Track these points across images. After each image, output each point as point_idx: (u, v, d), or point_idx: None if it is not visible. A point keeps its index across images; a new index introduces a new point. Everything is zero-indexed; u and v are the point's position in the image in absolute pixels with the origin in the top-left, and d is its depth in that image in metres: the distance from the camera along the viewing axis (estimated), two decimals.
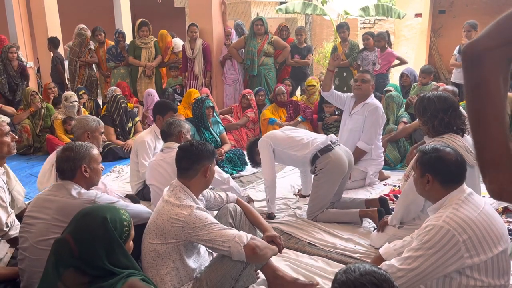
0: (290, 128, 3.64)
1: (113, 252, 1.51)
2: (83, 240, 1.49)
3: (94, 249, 1.48)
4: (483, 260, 1.74)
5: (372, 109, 3.94)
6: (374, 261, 2.25)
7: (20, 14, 9.19)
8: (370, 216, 3.18)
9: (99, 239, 1.50)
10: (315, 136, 3.43)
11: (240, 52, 6.62)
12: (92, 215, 1.56)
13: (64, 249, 1.48)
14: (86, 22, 7.80)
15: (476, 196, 1.90)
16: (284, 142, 3.39)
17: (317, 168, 3.26)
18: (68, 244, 1.47)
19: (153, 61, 6.87)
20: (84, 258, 1.46)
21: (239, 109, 5.97)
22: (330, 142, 3.29)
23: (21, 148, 5.68)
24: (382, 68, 6.30)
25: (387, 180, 4.23)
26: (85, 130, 2.98)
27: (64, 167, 2.19)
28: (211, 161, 2.27)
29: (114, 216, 1.57)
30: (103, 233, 1.51)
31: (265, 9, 10.60)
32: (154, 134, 3.87)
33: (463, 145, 2.54)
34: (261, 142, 3.43)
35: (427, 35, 10.72)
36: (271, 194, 3.41)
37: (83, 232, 1.51)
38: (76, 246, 1.47)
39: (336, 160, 3.23)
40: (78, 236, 1.49)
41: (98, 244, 1.49)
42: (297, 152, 3.33)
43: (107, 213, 1.57)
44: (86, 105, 6.28)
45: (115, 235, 1.52)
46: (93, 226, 1.52)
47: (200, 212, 2.11)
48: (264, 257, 2.17)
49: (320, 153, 3.24)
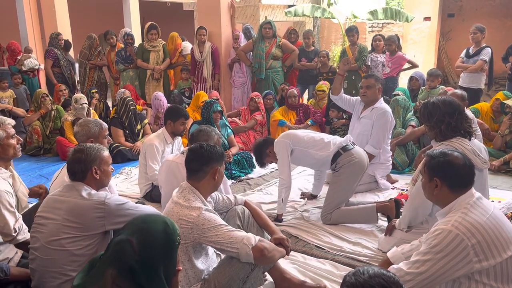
0: (305, 130, 3.67)
1: (171, 259, 1.45)
2: (145, 242, 1.41)
3: (155, 251, 1.41)
4: (492, 265, 1.73)
5: (380, 113, 3.94)
6: (382, 264, 2.24)
7: (31, 17, 9.31)
8: (388, 208, 3.18)
9: (161, 242, 1.43)
10: (333, 137, 3.49)
11: (249, 55, 6.65)
12: (152, 218, 1.51)
13: (125, 248, 1.40)
14: (96, 25, 7.90)
15: (485, 201, 1.89)
16: (304, 141, 3.39)
17: (339, 165, 3.28)
18: (131, 244, 1.40)
19: (162, 64, 6.92)
20: (144, 261, 1.39)
21: (247, 112, 5.99)
22: (350, 141, 3.35)
23: (31, 149, 5.76)
24: (393, 72, 6.28)
25: (395, 184, 4.22)
26: (88, 137, 2.95)
27: (75, 168, 2.22)
28: (220, 163, 2.28)
29: (171, 221, 1.52)
30: (165, 236, 1.45)
31: (274, 13, 10.62)
32: (163, 137, 3.90)
33: (470, 149, 2.53)
34: (279, 143, 3.40)
35: (436, 39, 10.68)
36: (286, 194, 3.41)
37: (146, 235, 1.43)
38: (138, 247, 1.40)
39: (359, 157, 3.29)
40: (140, 238, 1.42)
41: (159, 248, 1.42)
42: (319, 151, 3.34)
43: (165, 218, 1.52)
44: (97, 105, 6.34)
45: (175, 238, 1.46)
46: (156, 229, 1.45)
47: (209, 214, 2.13)
48: (272, 259, 2.18)
49: (342, 150, 3.29)
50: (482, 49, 5.68)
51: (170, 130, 3.89)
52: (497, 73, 6.57)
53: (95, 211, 2.12)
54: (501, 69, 7.28)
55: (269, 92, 6.11)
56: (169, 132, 3.90)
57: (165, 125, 3.93)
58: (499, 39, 8.25)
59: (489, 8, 10.37)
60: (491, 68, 5.84)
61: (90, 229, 2.10)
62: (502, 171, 4.47)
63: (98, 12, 12.58)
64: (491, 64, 5.80)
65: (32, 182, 4.69)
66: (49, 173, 5.01)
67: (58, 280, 2.08)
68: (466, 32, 6.67)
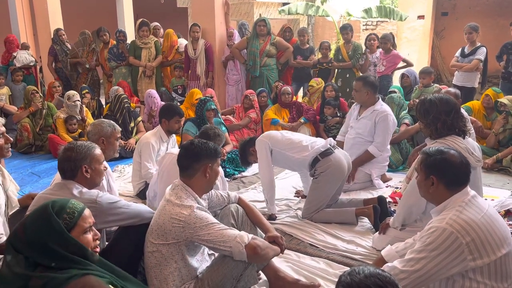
0: (288, 132, 3.64)
1: (60, 238, 1.53)
2: (30, 227, 1.53)
3: (39, 234, 1.52)
4: (486, 263, 1.73)
5: (383, 116, 3.91)
6: (376, 263, 2.24)
7: (23, 13, 9.21)
8: (366, 214, 3.21)
9: (41, 224, 1.54)
10: (314, 140, 3.44)
11: (243, 52, 6.63)
12: (40, 203, 1.65)
13: (15, 237, 1.54)
14: (89, 22, 7.84)
15: (479, 199, 1.89)
16: (282, 142, 3.38)
17: (317, 172, 3.26)
18: (16, 232, 1.54)
19: (153, 61, 6.88)
20: (32, 245, 1.51)
21: (241, 109, 5.97)
22: (330, 145, 3.29)
23: (22, 147, 5.70)
24: (387, 70, 6.29)
25: (389, 182, 4.23)
26: (100, 136, 2.85)
27: (65, 167, 2.19)
28: (212, 160, 2.24)
29: (59, 202, 1.61)
30: (45, 217, 1.55)
31: (268, 10, 10.60)
32: (159, 136, 3.88)
33: (464, 147, 2.54)
34: (259, 142, 3.41)
35: (430, 37, 10.71)
36: (269, 195, 3.39)
37: (30, 220, 1.56)
38: (24, 233, 1.52)
39: (337, 164, 3.24)
40: (26, 224, 1.55)
41: (42, 229, 1.53)
42: (295, 154, 3.32)
43: (53, 200, 1.62)
44: (90, 103, 6.29)
45: (54, 219, 1.54)
46: (37, 212, 1.58)
47: (201, 212, 2.10)
48: (266, 257, 2.16)
49: (320, 156, 3.25)
50: (478, 49, 5.70)
51: (166, 128, 3.87)
52: (490, 72, 6.59)
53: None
54: (494, 68, 7.31)
55: (263, 89, 6.09)
56: (165, 130, 3.88)
57: (160, 123, 3.90)
58: (492, 38, 8.28)
59: (482, 7, 10.43)
60: (485, 67, 5.86)
61: None
62: (495, 169, 4.49)
63: (91, 9, 12.47)
64: (485, 63, 5.82)
65: (24, 180, 4.65)
66: (41, 171, 4.96)
67: None
68: (459, 30, 6.69)
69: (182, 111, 3.97)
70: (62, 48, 7.36)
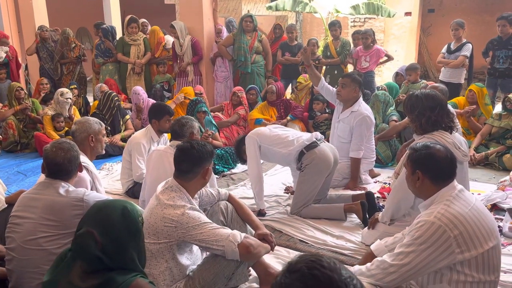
0: (277, 126, 3.65)
1: (137, 238, 1.51)
2: (106, 230, 1.46)
3: (117, 236, 1.46)
4: (473, 256, 1.75)
5: (360, 119, 3.91)
6: (366, 257, 2.25)
7: (8, 11, 9.04)
8: (354, 210, 3.23)
9: (121, 227, 1.48)
10: (300, 134, 3.46)
11: (229, 49, 6.60)
12: (108, 204, 1.55)
13: (88, 241, 1.44)
14: (75, 19, 7.73)
15: (467, 193, 1.91)
16: (269, 138, 3.40)
17: (303, 164, 3.28)
18: (92, 236, 1.44)
19: (142, 58, 6.81)
20: (109, 247, 1.45)
21: (229, 106, 5.95)
22: (315, 139, 3.31)
23: (8, 145, 5.60)
24: (372, 65, 6.33)
25: (377, 178, 4.26)
26: (89, 134, 2.81)
27: (68, 168, 2.20)
28: (210, 162, 2.24)
29: (132, 205, 1.56)
30: (124, 220, 1.50)
31: (256, 7, 10.58)
32: (150, 137, 3.84)
33: (451, 142, 2.56)
34: (248, 139, 3.44)
35: (417, 34, 10.80)
36: (257, 189, 3.40)
37: (105, 223, 1.48)
38: (101, 237, 1.44)
39: (322, 155, 3.26)
40: (101, 228, 1.46)
41: (121, 231, 1.47)
42: (282, 149, 3.35)
43: (122, 202, 1.57)
44: (76, 100, 6.20)
45: (136, 219, 1.51)
46: (114, 215, 1.50)
47: (193, 212, 2.09)
48: (258, 255, 2.17)
49: (305, 149, 3.27)
50: (463, 45, 5.76)
51: (156, 128, 3.84)
52: (476, 68, 6.68)
53: (74, 208, 2.07)
54: (480, 64, 7.40)
55: (253, 87, 6.07)
56: (156, 130, 3.85)
57: (150, 123, 3.87)
58: (478, 34, 8.39)
59: (468, 4, 10.55)
60: (471, 63, 5.93)
61: (69, 227, 2.04)
62: (482, 164, 4.54)
63: (77, 5, 12.29)
64: (471, 59, 5.89)
65: (10, 179, 4.57)
66: (27, 169, 4.89)
67: (37, 281, 2.03)
68: (446, 27, 6.75)
69: (172, 110, 3.94)
70: (44, 45, 7.23)
